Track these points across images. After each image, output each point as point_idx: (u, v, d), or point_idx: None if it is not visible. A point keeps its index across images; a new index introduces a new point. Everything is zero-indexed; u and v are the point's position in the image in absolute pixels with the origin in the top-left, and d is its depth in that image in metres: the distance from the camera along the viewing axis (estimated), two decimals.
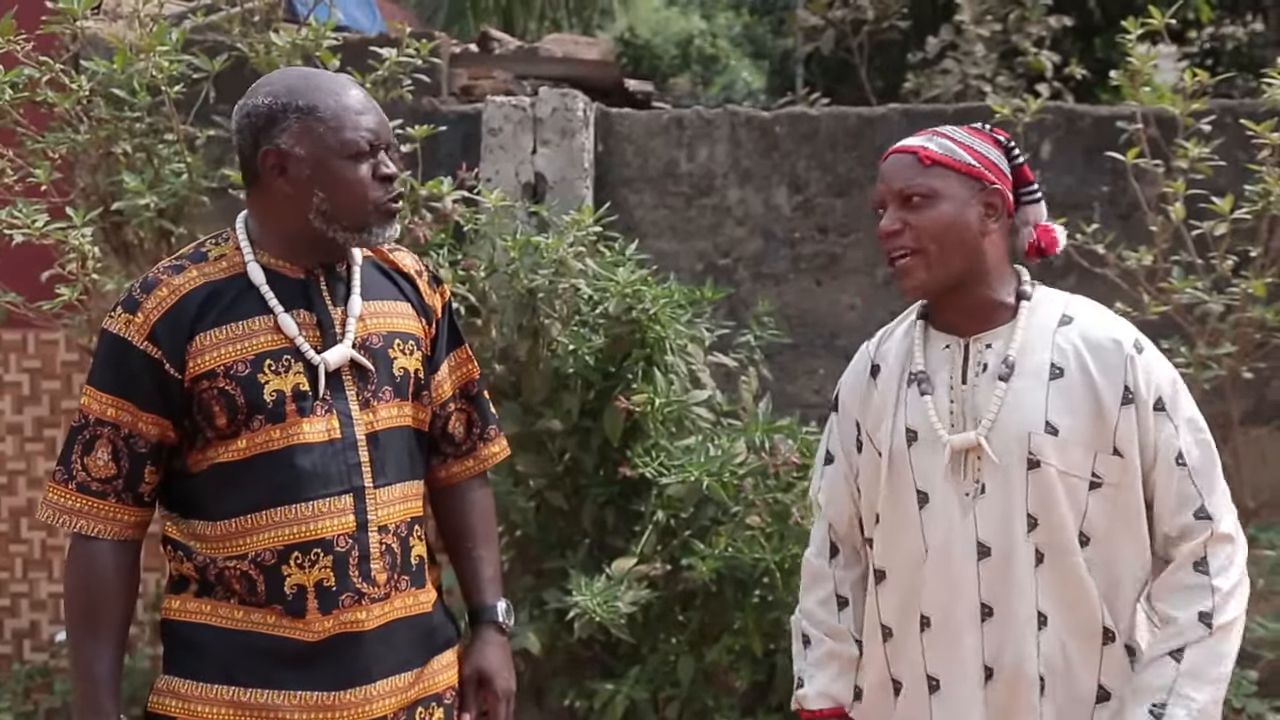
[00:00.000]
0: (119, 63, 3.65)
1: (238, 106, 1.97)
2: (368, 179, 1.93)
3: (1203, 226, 3.56)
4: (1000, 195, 1.95)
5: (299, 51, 3.63)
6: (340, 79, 1.99)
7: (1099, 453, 1.89)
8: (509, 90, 4.49)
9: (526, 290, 3.57)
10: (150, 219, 3.61)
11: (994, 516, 1.91)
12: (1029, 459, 1.89)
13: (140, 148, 3.75)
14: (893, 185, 1.94)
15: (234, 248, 1.98)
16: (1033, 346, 1.93)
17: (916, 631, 1.99)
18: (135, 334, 1.91)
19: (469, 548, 2.18)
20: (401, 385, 2.02)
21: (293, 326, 1.93)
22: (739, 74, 17.43)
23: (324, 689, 1.93)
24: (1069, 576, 1.90)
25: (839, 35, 5.25)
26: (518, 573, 3.87)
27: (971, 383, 1.95)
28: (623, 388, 3.53)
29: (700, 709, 3.61)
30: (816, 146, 4.27)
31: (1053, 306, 1.98)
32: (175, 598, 1.99)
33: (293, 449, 1.91)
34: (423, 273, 2.13)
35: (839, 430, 2.13)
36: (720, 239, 4.30)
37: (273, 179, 1.94)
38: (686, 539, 3.51)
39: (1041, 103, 3.78)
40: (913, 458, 1.97)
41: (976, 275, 1.95)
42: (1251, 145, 3.62)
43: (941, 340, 2.00)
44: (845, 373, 2.15)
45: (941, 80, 4.79)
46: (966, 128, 2.01)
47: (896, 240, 1.93)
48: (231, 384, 1.90)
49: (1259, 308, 3.51)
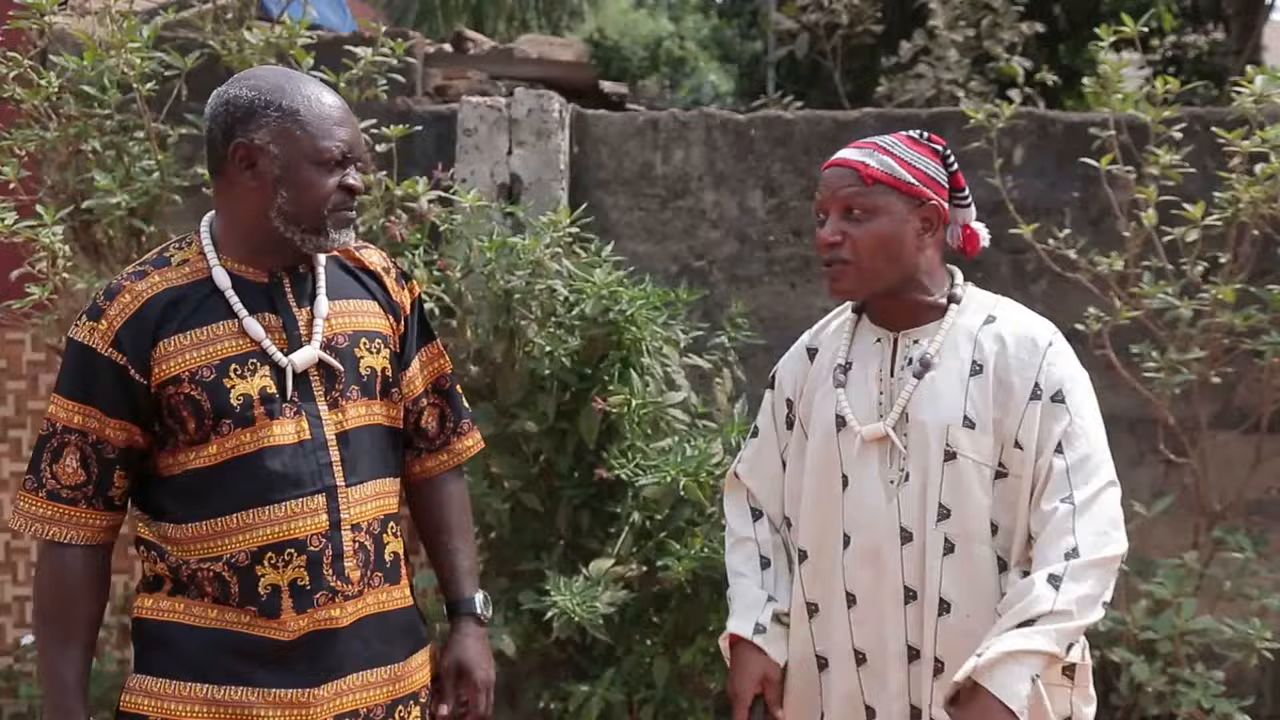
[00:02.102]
0: (89, 59, 3.60)
1: (216, 93, 1.98)
2: (331, 188, 1.96)
3: (1174, 233, 3.59)
4: (936, 210, 2.05)
5: (273, 50, 3.61)
6: (323, 87, 2.01)
7: (1004, 444, 1.99)
8: (484, 91, 4.47)
9: (503, 291, 3.56)
10: (121, 218, 3.57)
11: (914, 504, 2.01)
12: (946, 450, 1.99)
13: (110, 145, 3.71)
14: (836, 194, 2.03)
15: (198, 252, 1.99)
16: (957, 345, 2.03)
17: (843, 608, 2.08)
18: (99, 341, 1.92)
19: (445, 541, 2.20)
20: (369, 384, 2.03)
21: (259, 330, 1.95)
22: (706, 77, 17.47)
23: (298, 686, 1.94)
24: (975, 564, 1.99)
25: (813, 39, 5.27)
26: (492, 574, 3.86)
27: (898, 376, 2.06)
28: (599, 389, 3.52)
29: (674, 711, 3.61)
30: (791, 150, 4.28)
31: (980, 307, 2.08)
32: (148, 596, 2.00)
33: (263, 452, 1.93)
34: (390, 270, 2.14)
35: (772, 407, 2.24)
36: (695, 241, 4.31)
37: (238, 172, 1.95)
38: (662, 540, 3.51)
39: (1015, 108, 3.81)
40: (840, 442, 2.07)
41: (908, 282, 2.05)
42: (1219, 152, 3.67)
43: (873, 334, 2.11)
44: (786, 355, 2.27)
45: (914, 85, 4.81)
46: (905, 138, 2.07)
47: (835, 250, 2.03)
48: (198, 389, 1.91)
49: (1228, 313, 3.55)
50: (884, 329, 2.10)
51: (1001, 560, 2.00)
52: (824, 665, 2.14)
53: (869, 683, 2.07)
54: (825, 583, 2.10)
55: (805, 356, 2.21)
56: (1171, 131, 3.63)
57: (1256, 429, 3.71)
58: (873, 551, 2.04)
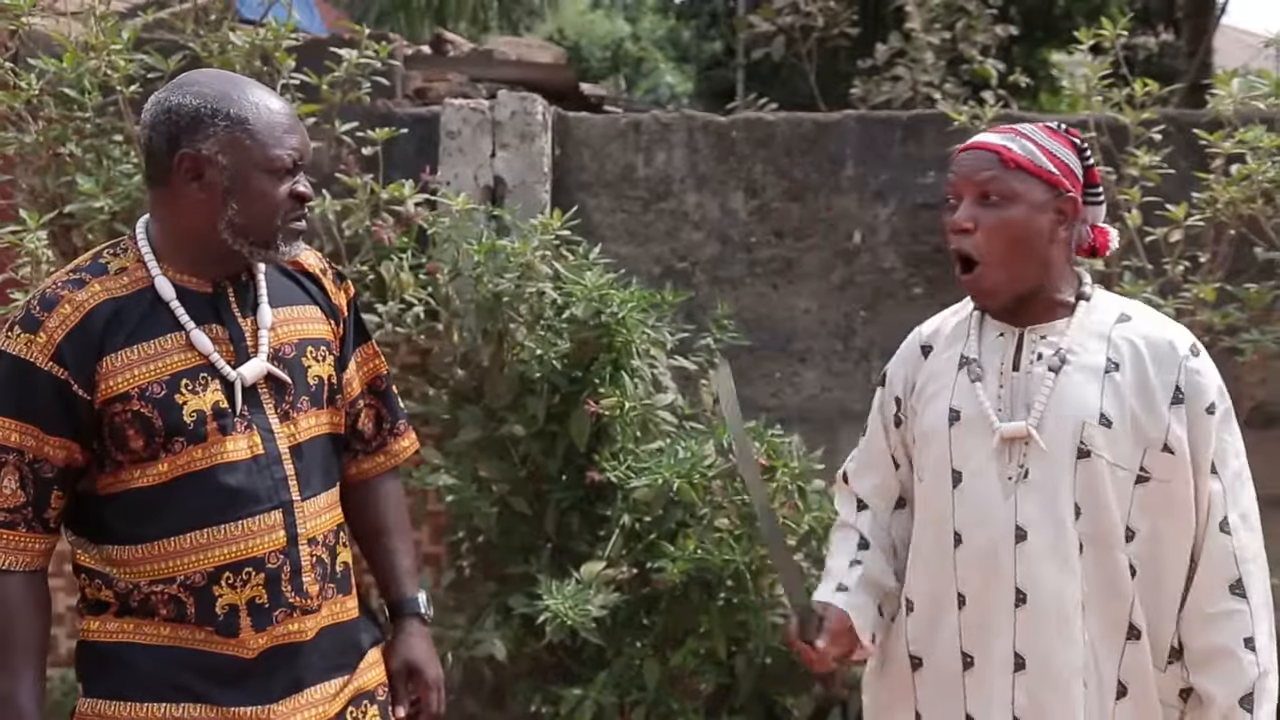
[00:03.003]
0: (69, 61, 3.56)
1: (154, 100, 1.89)
2: (283, 197, 1.89)
3: (1156, 233, 3.65)
4: (1073, 203, 1.97)
5: (258, 52, 3.58)
6: (268, 92, 1.93)
7: (1149, 448, 1.91)
8: (464, 93, 4.46)
9: (492, 294, 3.55)
10: (104, 222, 3.52)
11: (1036, 502, 1.93)
12: (1080, 448, 1.91)
13: (90, 148, 3.66)
14: (972, 178, 1.94)
15: (135, 260, 1.90)
16: (1088, 341, 1.96)
17: (954, 608, 2.00)
18: (39, 355, 1.81)
19: (384, 542, 2.15)
20: (317, 394, 1.98)
21: (207, 343, 1.87)
22: (663, 77, 17.50)
23: (257, 703, 1.89)
24: (1107, 569, 1.92)
25: (789, 41, 5.30)
26: (480, 578, 3.85)
27: (1025, 370, 1.97)
28: (590, 392, 3.53)
29: (665, 712, 3.62)
30: (772, 151, 4.30)
31: (1111, 307, 2.01)
32: (94, 618, 1.92)
33: (216, 469, 1.86)
34: (327, 271, 2.09)
35: (881, 406, 2.17)
36: (677, 243, 4.32)
37: (184, 183, 1.86)
38: (653, 542, 3.52)
39: (997, 110, 3.85)
40: (953, 437, 2.00)
41: (1043, 281, 1.97)
42: (1193, 153, 3.73)
43: (995, 329, 2.02)
44: (896, 354, 2.18)
45: (890, 86, 4.85)
46: (1044, 127, 2.01)
47: (966, 238, 1.94)
48: (147, 406, 1.83)
49: (1207, 311, 3.62)
50: (1007, 324, 2.01)
51: (1133, 567, 1.92)
52: (917, 665, 2.07)
53: (972, 690, 1.99)
54: (934, 582, 2.03)
55: (919, 354, 2.11)
56: (1151, 133, 3.69)
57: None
58: (987, 551, 1.95)
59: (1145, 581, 1.93)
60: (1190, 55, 9.65)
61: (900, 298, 4.28)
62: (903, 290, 4.28)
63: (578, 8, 17.48)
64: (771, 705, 3.79)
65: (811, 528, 3.48)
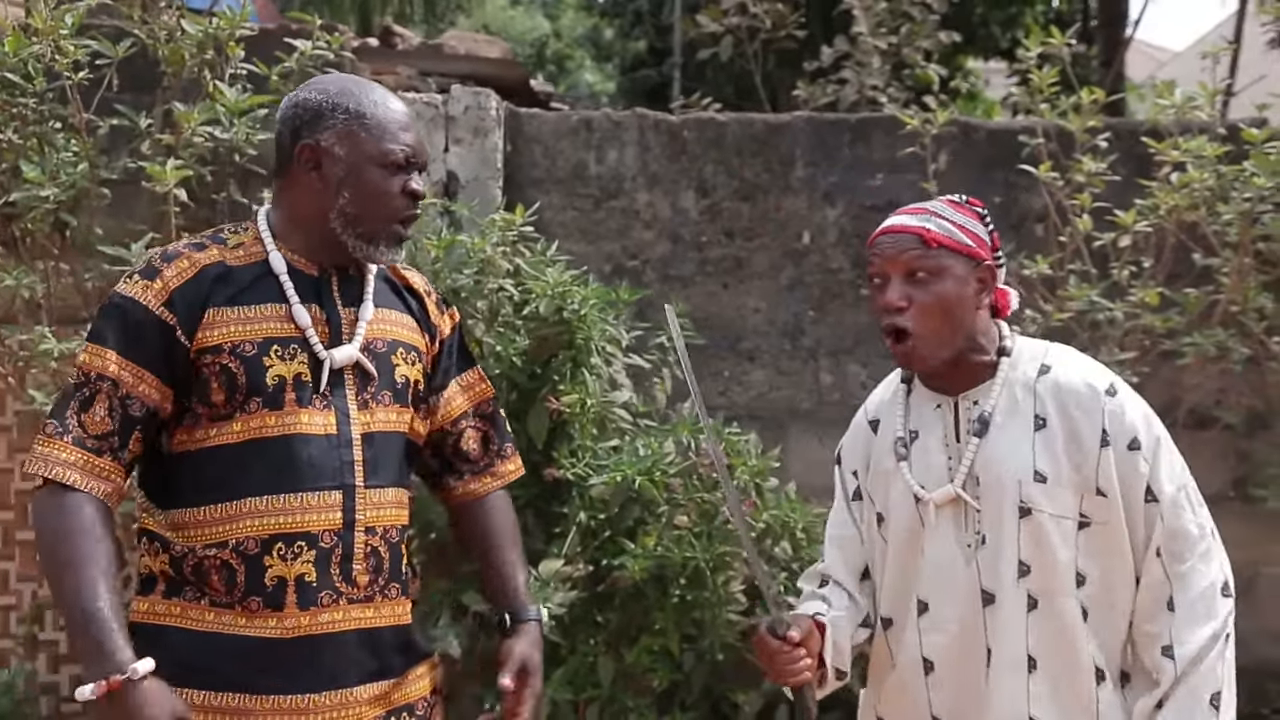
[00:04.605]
0: (11, 46, 3.45)
1: (287, 98, 2.04)
2: (395, 192, 1.99)
3: (1104, 238, 3.75)
4: (990, 270, 2.07)
5: (211, 41, 3.50)
6: (389, 93, 2.05)
7: (1085, 494, 1.99)
8: (413, 87, 4.41)
9: (449, 290, 3.52)
10: (48, 211, 3.43)
11: (993, 565, 2.01)
12: (1020, 506, 1.99)
13: (31, 135, 3.56)
14: (898, 259, 2.03)
15: (253, 238, 2.02)
16: (1016, 399, 2.04)
17: (919, 674, 2.09)
18: (153, 299, 1.92)
19: (501, 555, 2.22)
20: (402, 392, 2.06)
21: (305, 318, 1.97)
22: (582, 76, 17.49)
23: (297, 691, 1.92)
24: (1061, 619, 1.99)
25: (736, 42, 5.33)
26: (433, 575, 3.81)
27: (964, 440, 2.06)
28: (549, 389, 3.52)
29: (618, 709, 3.62)
30: (723, 151, 4.33)
31: (1033, 357, 2.09)
32: (143, 600, 1.98)
33: (290, 439, 1.93)
34: (431, 293, 2.20)
35: (842, 482, 2.26)
36: (628, 241, 4.33)
37: (304, 172, 1.99)
38: (610, 539, 3.51)
39: (947, 115, 3.92)
40: (920, 512, 2.08)
41: (969, 345, 2.06)
42: (1131, 161, 3.84)
43: (932, 400, 2.11)
44: (847, 432, 2.27)
45: (836, 89, 4.91)
46: (949, 202, 2.11)
47: (900, 316, 2.03)
48: (235, 361, 1.91)
49: (1150, 315, 3.72)
50: (941, 394, 2.10)
51: (1085, 610, 1.99)
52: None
53: None
54: (904, 650, 2.11)
55: (868, 429, 2.20)
56: (1097, 140, 3.79)
57: (1173, 425, 3.89)
58: (952, 617, 2.04)
59: (1096, 622, 2.00)
60: (1105, 65, 9.91)
61: (848, 298, 4.34)
62: (850, 291, 4.34)
63: (498, 3, 17.40)
64: (718, 702, 3.81)
65: (768, 525, 3.51)
